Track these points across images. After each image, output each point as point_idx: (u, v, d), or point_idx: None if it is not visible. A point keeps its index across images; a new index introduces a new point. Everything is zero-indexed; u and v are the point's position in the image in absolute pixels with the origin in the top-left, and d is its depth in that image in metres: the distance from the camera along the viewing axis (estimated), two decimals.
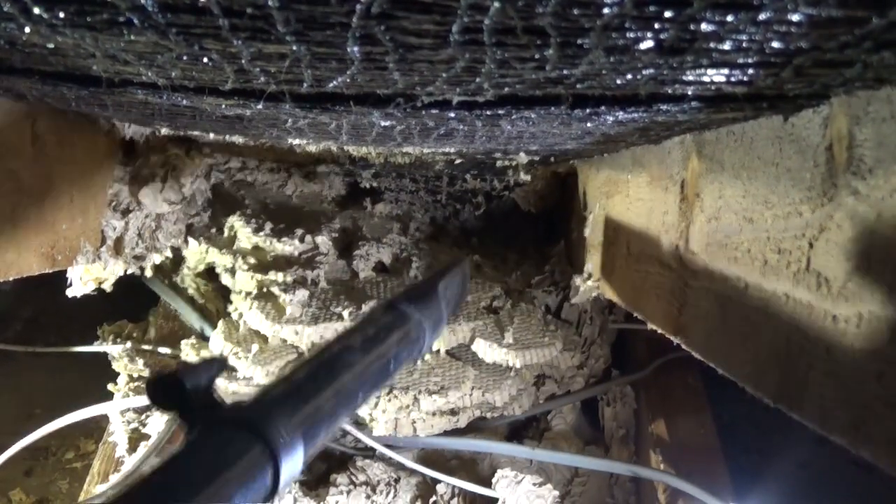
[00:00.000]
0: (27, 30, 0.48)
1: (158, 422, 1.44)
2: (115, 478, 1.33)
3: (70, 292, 1.42)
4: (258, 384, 1.39)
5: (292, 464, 0.60)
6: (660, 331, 1.01)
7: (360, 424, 1.46)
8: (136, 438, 1.42)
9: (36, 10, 0.43)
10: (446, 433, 1.43)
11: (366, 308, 1.46)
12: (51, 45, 0.53)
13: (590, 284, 1.40)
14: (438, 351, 1.44)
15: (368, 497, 1.42)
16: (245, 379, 1.39)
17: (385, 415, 1.35)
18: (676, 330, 0.94)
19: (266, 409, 0.60)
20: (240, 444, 0.57)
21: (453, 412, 1.40)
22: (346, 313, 1.42)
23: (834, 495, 1.50)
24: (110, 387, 1.55)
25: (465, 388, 1.38)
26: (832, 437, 0.57)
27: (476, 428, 1.52)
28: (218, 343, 1.43)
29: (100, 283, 1.42)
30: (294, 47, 0.48)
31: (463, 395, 1.38)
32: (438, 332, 1.13)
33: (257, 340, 1.44)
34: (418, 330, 0.98)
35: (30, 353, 2.10)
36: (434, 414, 1.37)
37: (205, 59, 0.53)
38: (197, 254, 1.65)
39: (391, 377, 0.96)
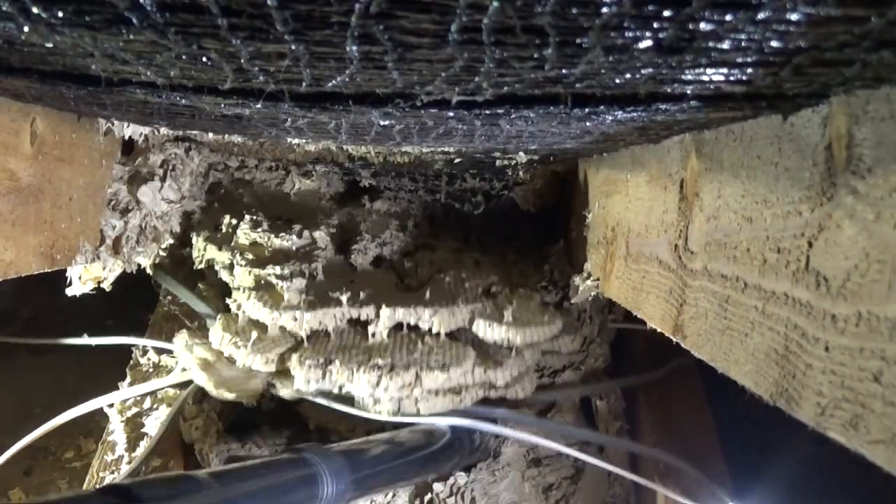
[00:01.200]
0: (26, 29, 0.48)
1: (156, 420, 1.44)
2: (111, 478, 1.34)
3: (69, 291, 1.42)
4: (258, 371, 1.39)
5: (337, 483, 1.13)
6: (659, 330, 1.01)
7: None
8: (135, 438, 1.42)
9: (35, 10, 0.43)
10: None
11: (363, 295, 1.45)
12: (49, 45, 0.53)
13: (589, 284, 1.40)
14: (438, 333, 1.43)
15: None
16: (245, 368, 1.39)
17: (387, 393, 1.33)
18: (675, 329, 0.94)
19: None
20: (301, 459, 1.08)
21: (456, 391, 1.39)
22: (344, 298, 1.41)
23: (834, 494, 1.50)
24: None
25: (466, 364, 1.37)
26: (831, 436, 0.57)
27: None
28: (217, 335, 1.43)
29: (99, 283, 1.42)
30: (293, 46, 0.48)
31: (465, 372, 1.37)
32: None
33: (257, 330, 1.44)
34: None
35: (30, 352, 2.11)
36: (437, 393, 1.37)
37: (203, 59, 0.53)
38: (196, 250, 1.65)
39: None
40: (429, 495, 1.43)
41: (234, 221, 1.66)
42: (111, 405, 1.47)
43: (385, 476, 1.27)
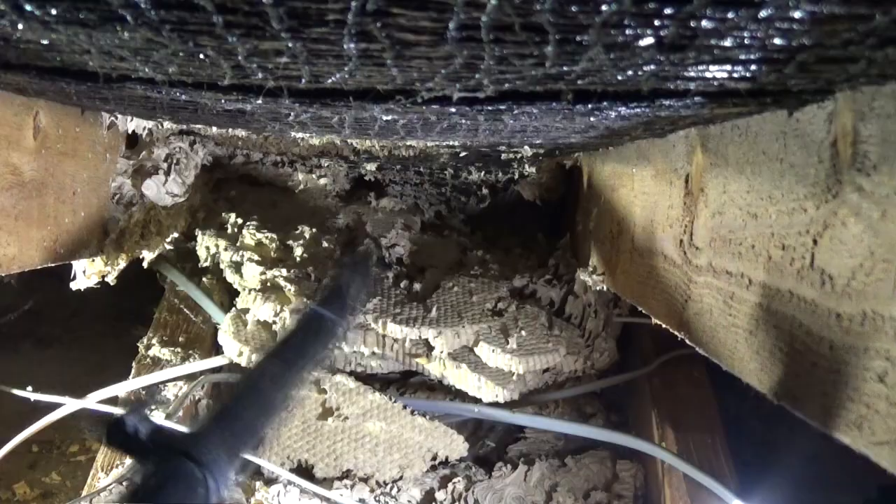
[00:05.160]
0: (20, 26, 0.47)
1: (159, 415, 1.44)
2: (118, 471, 1.34)
3: (74, 285, 1.42)
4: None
5: (222, 478, 0.81)
6: (664, 326, 1.00)
7: None
8: None
9: (28, 7, 0.43)
10: None
11: (370, 305, 1.46)
12: (45, 42, 0.52)
13: (594, 278, 1.39)
14: (441, 353, 1.45)
15: (372, 490, 1.42)
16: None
17: None
18: (680, 325, 0.93)
19: (195, 437, 0.83)
20: (178, 470, 0.77)
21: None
22: None
23: (841, 488, 1.50)
24: None
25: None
26: (834, 435, 0.56)
27: None
28: (227, 342, 1.44)
29: (103, 277, 1.42)
30: (290, 44, 0.48)
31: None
32: (349, 323, 1.21)
33: (266, 334, 1.44)
34: (331, 326, 1.09)
35: (36, 344, 2.11)
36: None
37: (201, 56, 0.53)
38: (201, 248, 1.65)
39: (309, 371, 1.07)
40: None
41: (240, 221, 1.66)
42: (115, 400, 1.47)
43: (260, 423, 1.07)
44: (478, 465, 1.50)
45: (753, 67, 0.50)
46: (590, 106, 0.67)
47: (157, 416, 1.43)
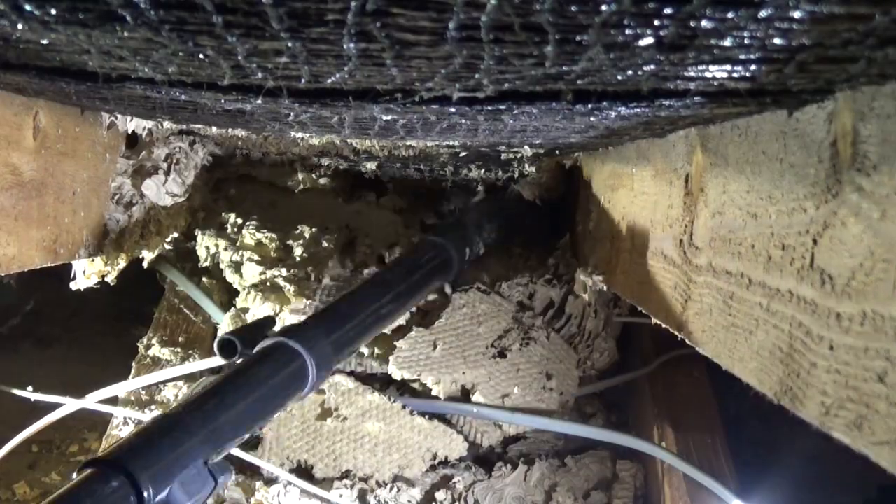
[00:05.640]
0: (20, 26, 0.47)
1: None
2: None
3: (74, 285, 1.42)
4: None
5: (321, 357, 1.01)
6: (664, 326, 1.00)
7: None
8: None
9: (28, 7, 0.43)
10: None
11: None
12: (44, 42, 0.52)
13: (594, 278, 1.39)
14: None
15: (372, 490, 1.42)
16: None
17: None
18: (680, 325, 0.93)
19: (296, 326, 1.10)
20: (276, 349, 0.98)
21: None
22: None
23: (841, 488, 1.50)
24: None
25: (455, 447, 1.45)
26: (834, 435, 0.56)
27: None
28: None
29: (103, 277, 1.42)
30: (289, 44, 0.48)
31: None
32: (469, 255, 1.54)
33: None
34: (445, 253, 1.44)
35: (35, 345, 2.11)
36: None
37: (200, 56, 0.53)
38: (201, 248, 1.65)
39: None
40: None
41: (240, 221, 1.66)
42: (115, 400, 1.47)
43: (364, 325, 1.18)
44: (478, 465, 1.50)
45: (753, 67, 0.50)
46: (590, 106, 0.67)
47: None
